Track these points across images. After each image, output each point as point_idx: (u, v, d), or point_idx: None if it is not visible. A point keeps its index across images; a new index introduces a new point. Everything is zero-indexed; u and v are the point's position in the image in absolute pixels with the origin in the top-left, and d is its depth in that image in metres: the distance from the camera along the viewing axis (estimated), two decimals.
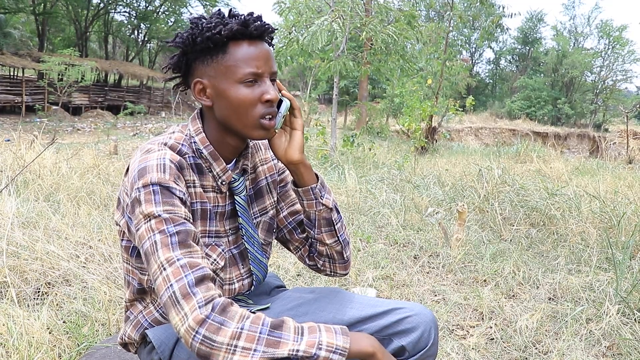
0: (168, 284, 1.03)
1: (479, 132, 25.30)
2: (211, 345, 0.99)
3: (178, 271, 1.04)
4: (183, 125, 1.27)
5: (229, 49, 1.16)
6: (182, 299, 1.02)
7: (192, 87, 1.21)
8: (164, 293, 1.04)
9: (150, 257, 1.07)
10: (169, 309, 1.03)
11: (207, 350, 1.00)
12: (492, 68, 47.16)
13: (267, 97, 1.17)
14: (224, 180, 1.27)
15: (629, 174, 8.19)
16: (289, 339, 1.03)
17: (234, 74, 1.15)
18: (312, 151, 9.22)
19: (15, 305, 2.19)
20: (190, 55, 1.19)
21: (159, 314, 1.26)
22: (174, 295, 1.03)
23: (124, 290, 1.32)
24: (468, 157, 10.71)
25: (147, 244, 1.07)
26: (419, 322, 1.31)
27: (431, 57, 15.00)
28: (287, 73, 33.32)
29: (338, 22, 8.12)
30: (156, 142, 1.20)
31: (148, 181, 1.10)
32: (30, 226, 3.33)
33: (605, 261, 3.59)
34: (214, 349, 0.99)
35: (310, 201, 1.34)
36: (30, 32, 31.57)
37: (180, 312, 1.01)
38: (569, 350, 2.39)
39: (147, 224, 1.08)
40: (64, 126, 18.48)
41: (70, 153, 6.24)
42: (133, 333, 1.29)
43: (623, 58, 37.71)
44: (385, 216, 4.66)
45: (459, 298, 2.99)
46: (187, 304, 1.01)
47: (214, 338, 0.99)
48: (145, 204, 1.08)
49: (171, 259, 1.05)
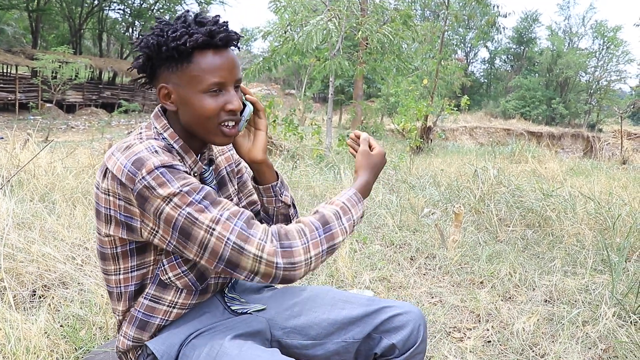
0: (225, 239, 1.07)
1: (474, 132, 25.35)
2: (293, 267, 1.10)
3: (227, 224, 1.08)
4: (147, 125, 1.27)
5: (194, 59, 1.16)
6: (245, 244, 1.08)
7: (157, 91, 1.22)
8: (223, 250, 1.08)
9: (191, 228, 1.08)
10: (235, 260, 1.08)
11: (291, 274, 1.10)
12: (487, 67, 47.28)
13: (230, 107, 1.20)
14: (196, 172, 1.29)
15: (623, 175, 8.24)
16: (336, 227, 1.18)
17: (199, 84, 1.16)
18: (307, 150, 9.21)
19: (12, 309, 2.17)
20: (155, 61, 1.19)
21: (148, 300, 1.25)
22: (236, 244, 1.08)
23: (114, 304, 1.29)
24: (463, 156, 10.75)
25: (180, 219, 1.08)
26: (408, 320, 1.36)
27: (426, 56, 15.02)
28: (282, 71, 33.30)
29: (334, 22, 8.11)
30: (131, 139, 1.19)
31: (151, 166, 1.09)
32: (26, 227, 3.31)
33: (600, 263, 3.61)
34: (296, 269, 1.10)
35: (270, 198, 1.41)
36: (23, 29, 31.34)
37: (250, 256, 1.08)
38: (566, 353, 2.40)
39: (170, 204, 1.07)
40: (58, 124, 18.40)
41: (65, 152, 6.20)
42: (129, 329, 1.27)
43: (617, 58, 37.89)
44: (381, 217, 4.66)
45: (456, 300, 3.00)
46: (252, 246, 1.08)
47: (293, 260, 1.10)
48: (160, 187, 1.07)
49: (214, 218, 1.08)
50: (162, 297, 1.25)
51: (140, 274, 1.24)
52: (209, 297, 1.36)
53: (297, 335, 1.37)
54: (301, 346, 1.36)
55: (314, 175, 6.48)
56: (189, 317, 1.30)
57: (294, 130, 9.66)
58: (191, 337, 1.25)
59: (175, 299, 1.26)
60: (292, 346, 1.37)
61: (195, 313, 1.31)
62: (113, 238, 1.20)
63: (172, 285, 1.25)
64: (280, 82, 40.63)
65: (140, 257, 1.23)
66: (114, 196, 1.13)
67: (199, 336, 1.25)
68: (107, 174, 1.13)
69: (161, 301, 1.26)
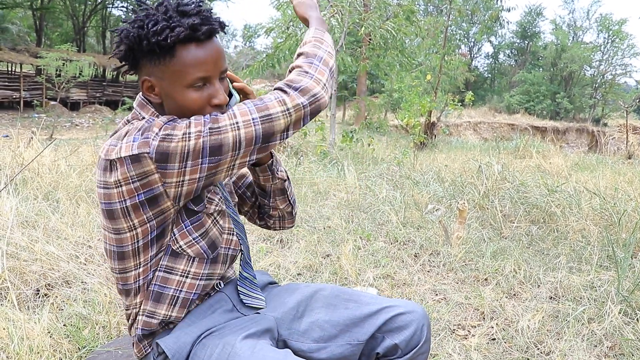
0: (251, 121, 1.12)
1: (478, 127, 25.29)
2: (317, 99, 1.18)
3: (243, 110, 1.12)
4: (133, 116, 1.24)
5: (176, 53, 1.14)
6: (269, 110, 1.13)
7: (140, 83, 1.20)
8: (255, 131, 1.11)
9: (219, 138, 1.09)
10: (270, 130, 1.13)
11: (317, 103, 1.18)
12: (490, 62, 47.13)
13: (215, 102, 1.19)
14: None
15: (628, 170, 8.19)
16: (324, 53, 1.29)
17: (182, 78, 1.14)
18: (310, 147, 9.20)
19: (16, 309, 2.18)
20: (137, 53, 1.17)
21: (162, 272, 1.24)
22: (262, 117, 1.12)
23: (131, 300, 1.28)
24: (467, 152, 10.71)
25: (207, 140, 1.09)
26: (411, 319, 1.34)
27: (430, 51, 14.97)
28: (285, 67, 33.26)
29: (337, 18, 8.08)
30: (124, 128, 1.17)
31: (161, 123, 1.10)
32: (30, 226, 3.31)
33: (606, 259, 3.59)
34: (320, 98, 1.19)
35: (266, 176, 1.42)
36: (27, 28, 31.40)
37: (279, 115, 1.13)
38: (571, 350, 2.39)
39: (191, 136, 1.08)
40: (62, 122, 18.45)
41: (68, 150, 6.21)
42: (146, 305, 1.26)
43: (622, 52, 37.72)
44: (385, 213, 4.64)
45: (460, 297, 2.98)
46: (275, 107, 1.14)
47: (312, 93, 1.18)
48: (175, 130, 1.08)
49: (230, 115, 1.11)
50: (175, 267, 1.24)
51: (158, 259, 1.24)
52: (218, 293, 1.35)
53: (300, 337, 1.36)
54: (306, 349, 1.35)
55: (317, 172, 6.47)
56: (199, 313, 1.29)
57: None
58: (202, 336, 1.24)
59: (187, 267, 1.25)
60: (297, 349, 1.36)
61: (206, 311, 1.30)
62: (135, 231, 1.17)
63: (183, 254, 1.24)
64: (283, 78, 40.61)
65: (159, 242, 1.21)
66: (126, 183, 1.11)
67: (210, 336, 1.24)
68: (112, 165, 1.11)
69: (174, 271, 1.24)
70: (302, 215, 4.46)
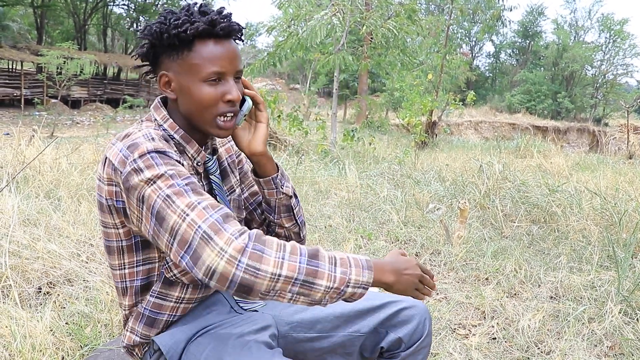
0: (195, 227, 1.00)
1: (479, 126, 25.27)
2: (255, 274, 0.97)
3: (202, 213, 1.01)
4: (147, 117, 1.27)
5: (194, 47, 1.16)
6: (215, 235, 0.99)
7: (158, 79, 1.22)
8: (192, 238, 0.99)
9: (166, 212, 1.03)
10: (200, 251, 0.98)
11: (251, 279, 0.97)
12: (492, 61, 47.08)
13: (228, 97, 1.19)
14: (199, 161, 1.28)
15: (629, 170, 8.19)
16: (325, 268, 1.03)
17: (198, 72, 1.16)
18: (312, 146, 9.21)
19: (18, 307, 2.18)
20: (158, 48, 1.20)
21: (155, 297, 1.25)
22: (205, 234, 0.99)
23: (120, 300, 1.30)
24: (468, 151, 10.71)
25: (159, 202, 1.04)
26: (414, 314, 1.38)
27: (431, 50, 14.96)
28: (286, 66, 33.24)
29: (338, 16, 8.08)
30: (131, 128, 1.19)
31: (144, 150, 1.09)
32: (31, 224, 3.32)
33: (607, 259, 3.59)
34: (259, 277, 0.97)
35: (271, 190, 1.38)
36: (28, 25, 31.42)
37: (216, 247, 0.98)
38: (571, 350, 2.39)
39: (153, 185, 1.05)
40: (63, 120, 18.45)
41: (70, 148, 6.21)
42: (136, 325, 1.28)
43: (624, 52, 37.67)
44: (386, 213, 4.65)
45: (461, 297, 2.99)
46: (221, 239, 0.98)
47: (257, 266, 0.97)
48: (147, 169, 1.06)
49: (191, 204, 1.03)
50: (169, 293, 1.26)
51: (146, 269, 1.25)
52: (216, 294, 1.36)
53: (302, 328, 1.38)
54: (306, 339, 1.38)
55: (319, 171, 6.47)
56: (195, 314, 1.30)
57: (298, 126, 9.66)
58: (197, 334, 1.25)
59: (181, 294, 1.27)
60: (299, 339, 1.38)
61: (202, 310, 1.31)
62: (118, 231, 1.20)
63: (178, 281, 1.25)
64: (284, 77, 40.58)
65: (146, 251, 1.23)
66: (109, 183, 1.15)
67: (204, 334, 1.25)
68: (106, 161, 1.15)
69: (168, 298, 1.26)
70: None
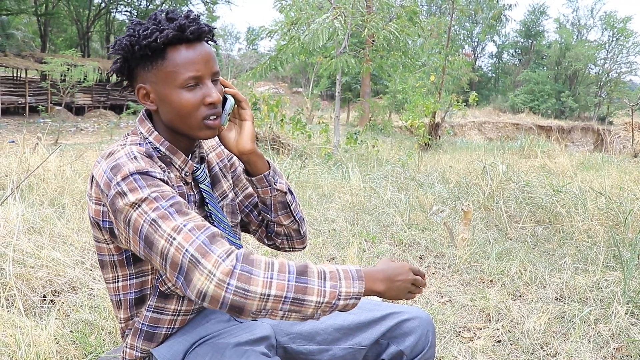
0: (183, 250, 1.01)
1: (482, 127, 25.22)
2: (245, 295, 0.98)
3: (188, 235, 1.02)
4: (133, 130, 1.26)
5: (167, 55, 1.15)
6: (203, 258, 0.99)
7: (136, 92, 1.21)
8: (181, 261, 1.01)
9: (153, 236, 1.04)
10: (190, 274, 1.00)
11: (241, 301, 0.98)
12: (494, 62, 46.98)
13: (209, 100, 1.17)
14: (187, 171, 1.27)
15: (634, 169, 8.15)
16: (314, 284, 1.03)
17: (174, 79, 1.15)
18: (315, 149, 9.21)
19: (23, 315, 2.19)
20: (131, 62, 1.18)
21: (152, 312, 1.25)
22: (193, 257, 1.00)
23: (116, 312, 1.29)
24: (472, 152, 10.69)
25: (146, 226, 1.04)
26: (416, 326, 1.35)
27: (433, 52, 14.96)
28: (289, 70, 33.29)
29: (340, 20, 8.09)
30: (115, 145, 1.19)
31: (127, 172, 1.08)
32: (36, 232, 3.33)
33: (612, 260, 3.57)
34: (249, 299, 0.98)
35: (265, 188, 1.36)
36: (32, 33, 31.58)
37: (205, 271, 0.98)
38: (577, 352, 2.38)
39: (138, 209, 1.05)
40: (67, 126, 18.52)
41: (74, 155, 6.24)
42: (135, 341, 1.27)
43: (627, 50, 37.50)
44: (390, 215, 4.64)
45: (466, 299, 2.98)
46: (209, 262, 0.99)
47: (247, 287, 0.98)
48: (131, 193, 1.06)
49: (177, 227, 1.03)
50: (165, 307, 1.25)
51: (139, 282, 1.24)
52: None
53: (302, 340, 1.36)
54: (307, 352, 1.36)
55: (322, 174, 6.47)
56: (194, 324, 1.30)
57: (301, 129, 9.67)
58: (195, 344, 1.25)
59: (178, 307, 1.26)
60: (298, 352, 1.36)
61: (201, 320, 1.31)
62: (109, 246, 1.20)
63: (173, 294, 1.24)
64: (287, 80, 40.63)
65: (138, 265, 1.22)
66: (97, 203, 1.15)
67: (202, 344, 1.25)
68: (93, 181, 1.15)
69: (165, 311, 1.25)
70: (306, 218, 4.46)
